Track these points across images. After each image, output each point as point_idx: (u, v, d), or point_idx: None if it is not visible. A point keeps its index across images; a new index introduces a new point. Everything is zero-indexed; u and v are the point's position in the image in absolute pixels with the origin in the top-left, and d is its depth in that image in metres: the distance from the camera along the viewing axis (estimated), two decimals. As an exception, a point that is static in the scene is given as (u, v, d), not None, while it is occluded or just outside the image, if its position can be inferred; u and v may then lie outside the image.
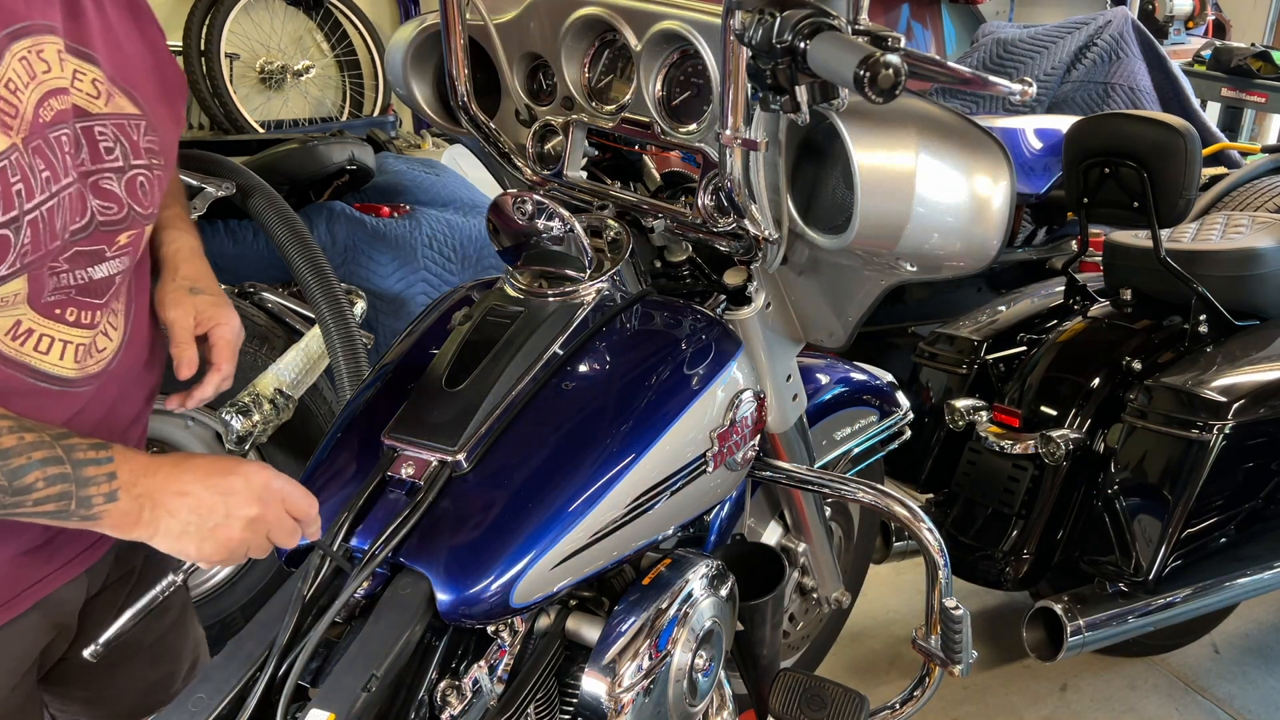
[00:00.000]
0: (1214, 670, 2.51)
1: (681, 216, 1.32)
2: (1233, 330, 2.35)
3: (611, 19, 1.28)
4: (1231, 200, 3.05)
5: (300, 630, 1.06)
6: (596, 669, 1.14)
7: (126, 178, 1.08)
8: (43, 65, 0.97)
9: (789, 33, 0.97)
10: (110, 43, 1.08)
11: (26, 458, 0.91)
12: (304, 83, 4.66)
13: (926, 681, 1.57)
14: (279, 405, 2.10)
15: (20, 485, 0.91)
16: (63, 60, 1.00)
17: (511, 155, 1.43)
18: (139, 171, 1.10)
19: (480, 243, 2.75)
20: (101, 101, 1.05)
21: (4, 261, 0.94)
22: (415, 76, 1.48)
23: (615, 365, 1.22)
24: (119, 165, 1.07)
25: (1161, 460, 2.14)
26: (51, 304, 1.03)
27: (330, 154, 2.61)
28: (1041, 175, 3.08)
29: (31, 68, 0.96)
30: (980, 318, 2.58)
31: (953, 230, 1.13)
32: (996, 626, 2.63)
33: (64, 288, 1.04)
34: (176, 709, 1.01)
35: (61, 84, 0.99)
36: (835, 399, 1.85)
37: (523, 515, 1.10)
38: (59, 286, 1.04)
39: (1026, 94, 1.02)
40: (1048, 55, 4.13)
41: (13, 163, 0.92)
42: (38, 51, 0.97)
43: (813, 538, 1.76)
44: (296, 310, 2.31)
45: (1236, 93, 4.64)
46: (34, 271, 0.99)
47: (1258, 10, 5.94)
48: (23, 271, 0.97)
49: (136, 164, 1.10)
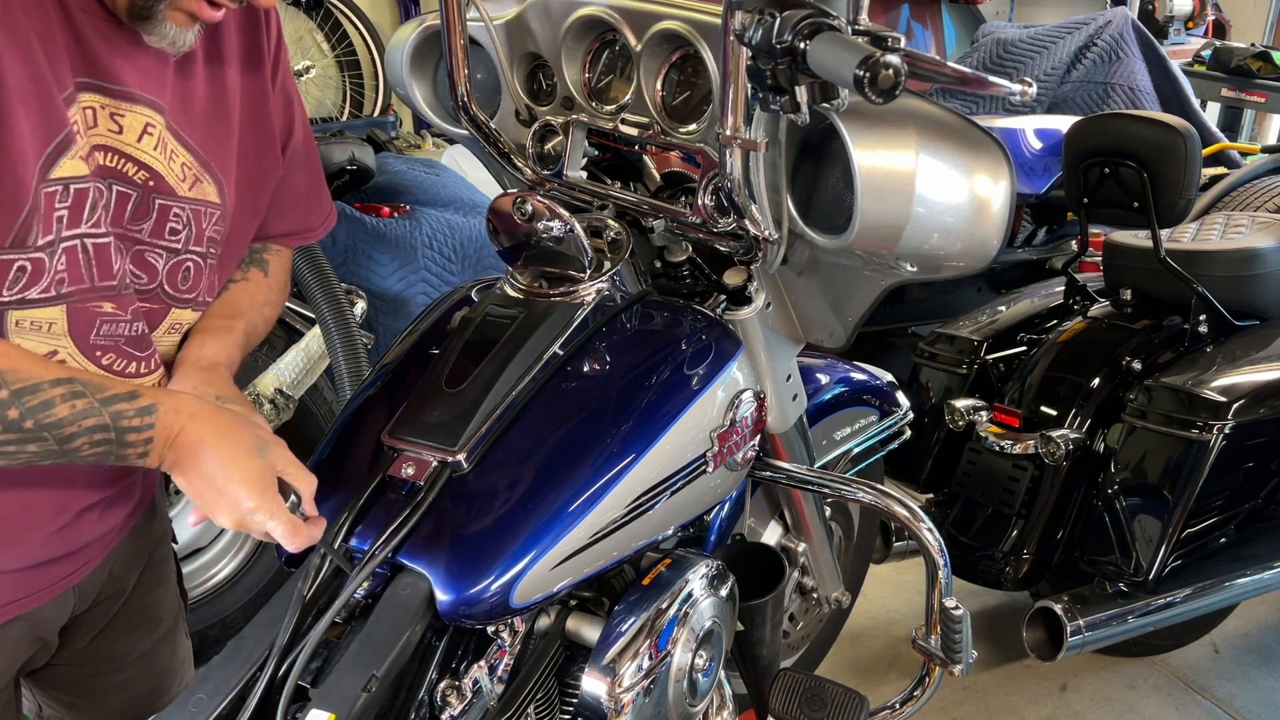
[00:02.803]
0: (1214, 670, 2.51)
1: (681, 216, 1.32)
2: (1233, 330, 2.35)
3: (611, 19, 1.28)
4: (1231, 200, 3.05)
5: (300, 630, 1.06)
6: (596, 669, 1.14)
7: (175, 260, 1.12)
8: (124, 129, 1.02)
9: (789, 33, 0.97)
10: (216, 133, 1.12)
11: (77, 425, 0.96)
12: (304, 83, 4.66)
13: (926, 681, 1.57)
14: (279, 405, 2.10)
15: (69, 449, 0.96)
16: (161, 138, 1.06)
17: (511, 155, 1.43)
18: (190, 257, 1.13)
19: (480, 243, 2.75)
20: (186, 185, 1.09)
21: (37, 285, 0.97)
22: (415, 76, 1.48)
23: (615, 365, 1.22)
24: (176, 247, 1.11)
25: (1161, 460, 2.14)
26: (95, 346, 1.05)
27: (330, 154, 2.61)
28: (1041, 175, 3.08)
29: (119, 124, 1.01)
30: (980, 318, 2.58)
31: (953, 230, 1.13)
32: (996, 626, 2.63)
33: (111, 335, 1.06)
34: (177, 709, 1.01)
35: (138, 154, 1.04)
36: (835, 399, 1.85)
37: (523, 515, 1.10)
38: (106, 333, 1.06)
39: (1026, 94, 1.02)
40: (1048, 55, 4.13)
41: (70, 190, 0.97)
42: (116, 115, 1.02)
43: (813, 538, 1.76)
44: (296, 310, 2.31)
45: (1236, 93, 4.64)
46: (74, 305, 1.01)
47: (1258, 10, 5.94)
48: (59, 301, 1.00)
49: (193, 250, 1.13)
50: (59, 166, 0.95)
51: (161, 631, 1.37)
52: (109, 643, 1.30)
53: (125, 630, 1.31)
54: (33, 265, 0.96)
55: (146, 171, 1.05)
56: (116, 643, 1.30)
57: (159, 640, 1.37)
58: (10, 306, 0.97)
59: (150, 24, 0.98)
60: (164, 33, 0.99)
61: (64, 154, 0.96)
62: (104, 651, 1.29)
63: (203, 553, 2.33)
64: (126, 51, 1.00)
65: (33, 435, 0.94)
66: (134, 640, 1.32)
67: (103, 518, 1.17)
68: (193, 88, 1.09)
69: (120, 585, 1.29)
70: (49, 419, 0.94)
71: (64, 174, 0.96)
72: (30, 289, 0.97)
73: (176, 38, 1.00)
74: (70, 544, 1.15)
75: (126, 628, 1.31)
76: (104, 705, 1.34)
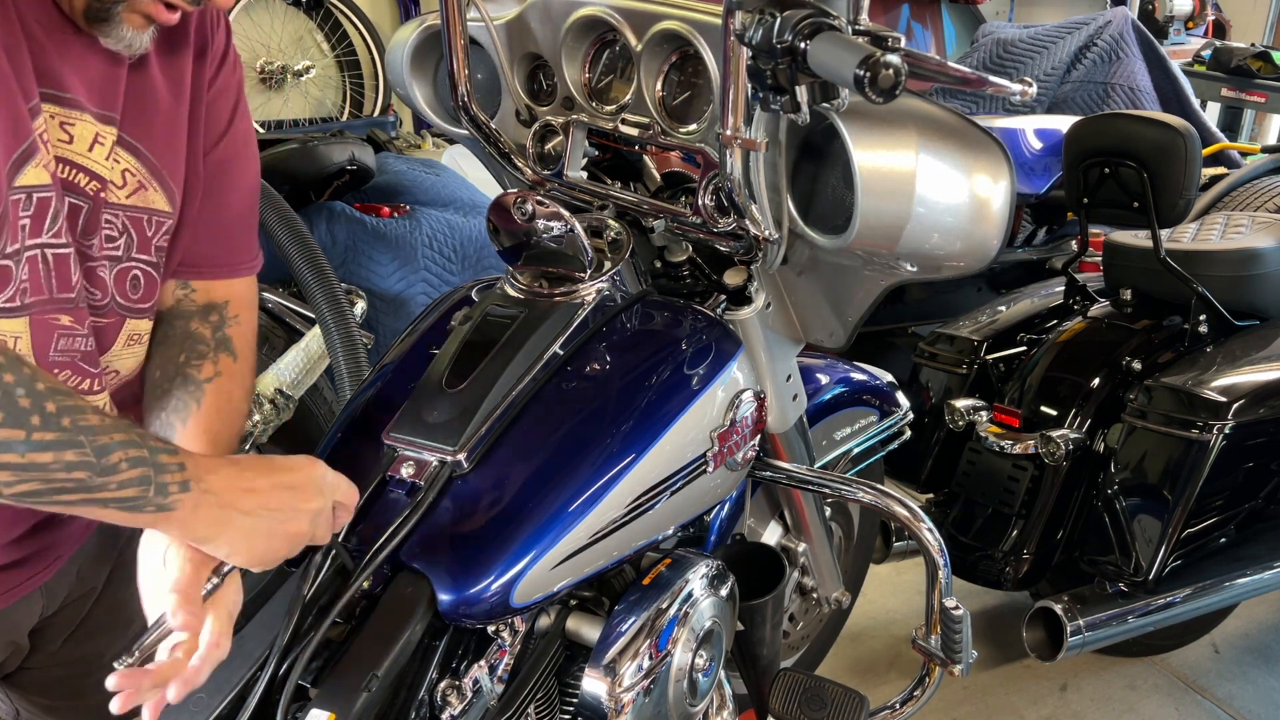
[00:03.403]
0: (1214, 670, 2.51)
1: (681, 216, 1.32)
2: (1233, 330, 2.35)
3: (612, 19, 1.28)
4: (1231, 200, 3.05)
5: (301, 630, 1.06)
6: (597, 669, 1.14)
7: (120, 268, 1.09)
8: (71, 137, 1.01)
9: (789, 33, 0.97)
10: (172, 143, 1.10)
11: (110, 437, 0.88)
12: (304, 83, 4.66)
13: (926, 681, 1.57)
14: (279, 405, 2.10)
15: (106, 464, 0.88)
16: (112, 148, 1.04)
17: (511, 155, 1.43)
18: (136, 266, 1.10)
19: (480, 243, 2.75)
20: (126, 192, 1.07)
21: (3, 293, 0.95)
22: (415, 76, 1.48)
23: (615, 365, 1.22)
24: (117, 254, 1.08)
25: (1161, 460, 2.14)
26: (53, 363, 1.03)
27: (330, 154, 2.61)
28: (1041, 175, 3.08)
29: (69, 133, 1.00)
30: (980, 318, 2.58)
31: (953, 230, 1.13)
32: (996, 626, 2.63)
33: (68, 350, 1.04)
34: (177, 709, 1.01)
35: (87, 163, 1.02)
36: (835, 399, 1.85)
37: (523, 515, 1.10)
38: (64, 348, 1.04)
39: (1026, 94, 1.02)
40: (1048, 55, 4.13)
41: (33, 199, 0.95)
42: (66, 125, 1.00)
43: (813, 538, 1.76)
44: (296, 310, 2.31)
45: (1236, 93, 4.64)
46: (35, 317, 1.00)
47: (1258, 10, 5.94)
48: (23, 312, 0.98)
49: (139, 258, 1.10)
50: (23, 174, 0.94)
51: (135, 630, 1.37)
52: (82, 644, 1.28)
53: (98, 630, 1.29)
54: (2, 274, 0.95)
55: (98, 181, 1.04)
56: (90, 643, 1.29)
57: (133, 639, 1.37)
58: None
59: (107, 26, 0.97)
60: (120, 35, 0.98)
61: (28, 162, 0.94)
62: (78, 653, 1.28)
63: (203, 553, 2.33)
64: (78, 61, 1.00)
65: (71, 438, 0.87)
66: (108, 640, 1.30)
67: (70, 518, 1.15)
68: (148, 94, 1.08)
69: (89, 585, 1.27)
70: (84, 422, 0.88)
71: (28, 182, 0.95)
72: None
73: (132, 40, 0.99)
74: (36, 544, 1.13)
75: (99, 627, 1.29)
76: (82, 707, 1.32)
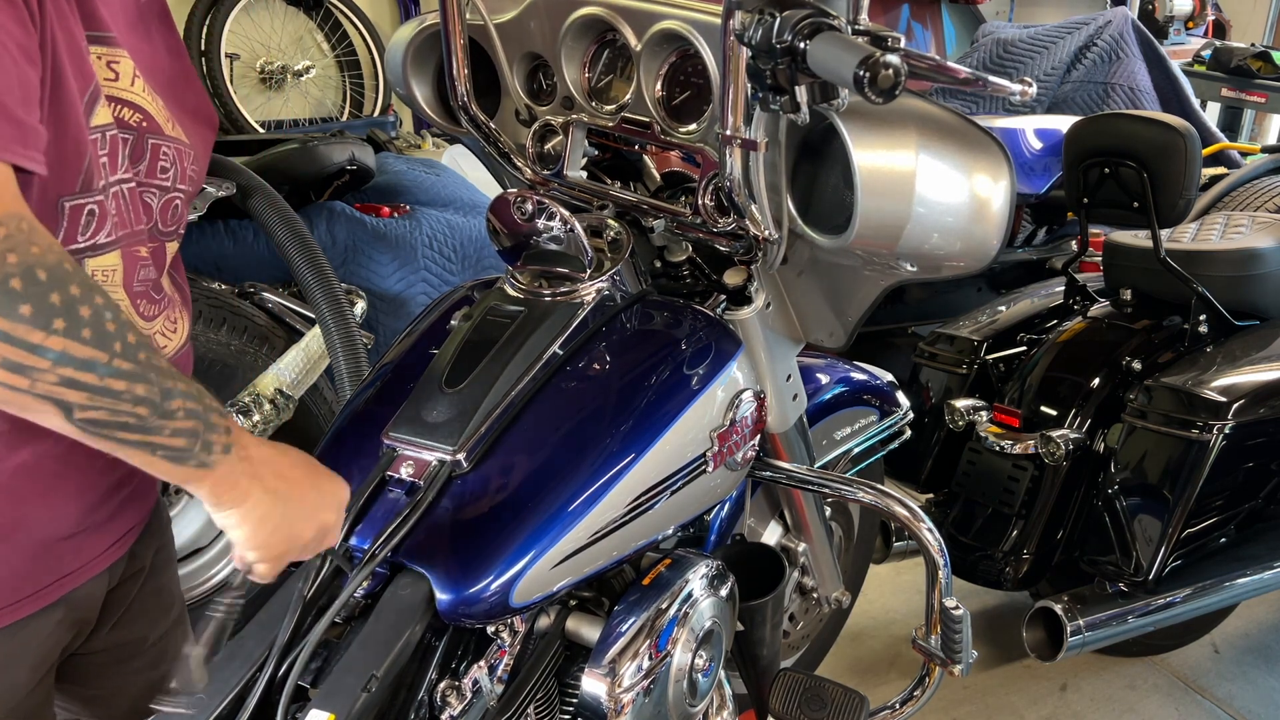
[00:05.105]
0: (1214, 670, 2.51)
1: (681, 216, 1.32)
2: (1233, 330, 2.35)
3: (611, 19, 1.28)
4: (1231, 200, 3.05)
5: (300, 630, 1.06)
6: (596, 669, 1.14)
7: (166, 198, 1.14)
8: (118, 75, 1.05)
9: (789, 33, 0.97)
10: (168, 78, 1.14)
11: (174, 383, 0.89)
12: (304, 83, 4.66)
13: (926, 681, 1.57)
14: (279, 405, 2.10)
15: (168, 408, 0.88)
16: (146, 81, 1.08)
17: (511, 155, 1.43)
18: (177, 195, 1.16)
19: (480, 243, 2.75)
20: (170, 125, 1.12)
21: (103, 229, 1.01)
22: (415, 76, 1.48)
23: (615, 365, 1.22)
24: (166, 185, 1.13)
25: (1161, 460, 2.14)
26: (136, 294, 1.09)
27: (330, 154, 2.61)
28: (1041, 175, 3.08)
29: (115, 71, 1.04)
30: (980, 318, 2.58)
31: (953, 230, 1.13)
32: (996, 626, 2.63)
33: (145, 280, 1.10)
34: (177, 709, 1.01)
35: (133, 98, 1.06)
36: (835, 399, 1.85)
37: (523, 515, 1.10)
38: (142, 278, 1.09)
39: (1026, 94, 1.02)
40: (1048, 55, 4.13)
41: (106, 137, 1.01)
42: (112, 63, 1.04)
43: (813, 538, 1.76)
44: (296, 310, 2.31)
45: (1236, 93, 4.64)
46: (124, 250, 1.05)
47: (1258, 10, 5.95)
48: (114, 246, 1.03)
49: (179, 188, 1.16)
50: (95, 115, 0.99)
51: (174, 615, 1.38)
52: (128, 627, 1.29)
53: (142, 613, 1.31)
54: (99, 209, 1.00)
55: (140, 114, 1.07)
56: (134, 627, 1.30)
57: (172, 624, 1.37)
58: (85, 254, 1.00)
59: None
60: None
61: (96, 103, 0.99)
62: (123, 637, 1.29)
63: (203, 553, 2.33)
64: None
65: (143, 373, 0.86)
66: (151, 623, 1.32)
67: (144, 479, 1.17)
68: (151, 31, 1.12)
69: (140, 564, 1.28)
70: (156, 361, 0.88)
71: (99, 122, 1.00)
72: (99, 234, 1.00)
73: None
74: (121, 500, 1.15)
75: (144, 610, 1.31)
76: (121, 695, 1.34)
